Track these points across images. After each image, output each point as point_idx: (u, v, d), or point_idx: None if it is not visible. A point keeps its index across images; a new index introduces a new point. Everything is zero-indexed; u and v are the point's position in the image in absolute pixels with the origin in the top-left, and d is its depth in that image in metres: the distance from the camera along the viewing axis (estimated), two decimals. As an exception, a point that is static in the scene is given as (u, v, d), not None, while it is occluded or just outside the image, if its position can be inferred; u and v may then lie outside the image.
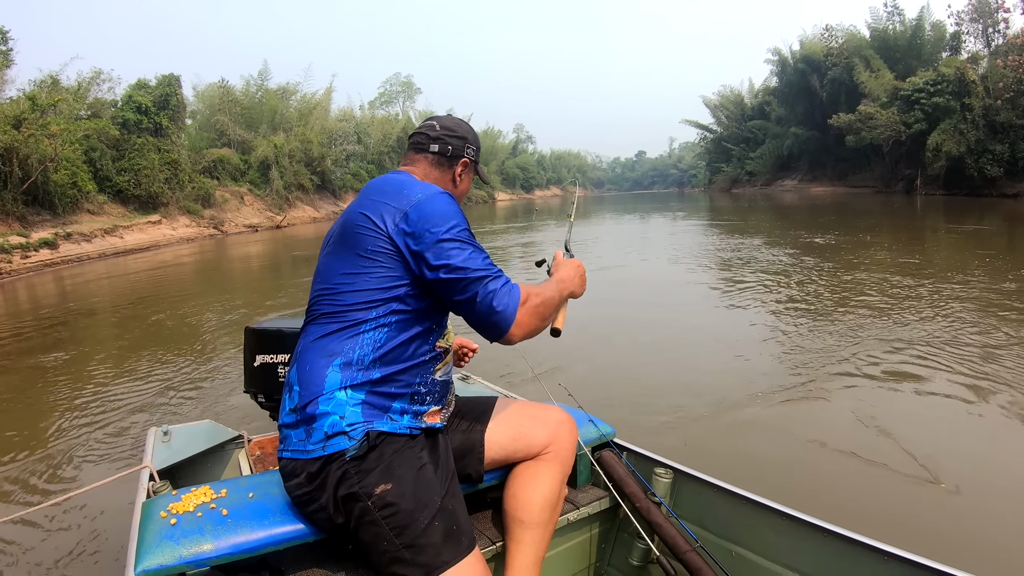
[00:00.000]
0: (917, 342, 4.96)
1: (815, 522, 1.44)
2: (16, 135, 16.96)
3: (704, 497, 1.73)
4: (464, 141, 1.61)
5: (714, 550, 1.64)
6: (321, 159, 36.19)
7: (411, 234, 1.36)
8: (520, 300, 1.35)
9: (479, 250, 1.38)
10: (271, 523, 1.38)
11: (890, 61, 36.03)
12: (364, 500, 1.31)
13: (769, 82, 50.28)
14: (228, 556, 1.31)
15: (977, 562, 2.35)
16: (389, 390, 1.39)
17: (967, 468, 2.98)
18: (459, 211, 1.43)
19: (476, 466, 1.59)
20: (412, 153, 1.61)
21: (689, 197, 52.82)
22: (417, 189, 1.43)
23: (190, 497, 1.46)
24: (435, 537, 1.29)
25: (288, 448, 1.41)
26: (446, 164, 1.59)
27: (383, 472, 1.32)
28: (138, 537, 1.35)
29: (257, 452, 2.16)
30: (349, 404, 1.35)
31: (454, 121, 1.64)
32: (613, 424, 1.97)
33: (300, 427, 1.37)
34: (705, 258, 11.15)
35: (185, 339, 6.64)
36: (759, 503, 1.56)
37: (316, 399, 1.36)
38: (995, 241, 12.38)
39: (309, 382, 1.38)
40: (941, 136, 28.54)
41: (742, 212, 25.99)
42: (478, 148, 1.67)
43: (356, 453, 1.32)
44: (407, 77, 60.61)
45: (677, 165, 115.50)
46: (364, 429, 1.34)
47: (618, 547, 1.90)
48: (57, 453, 3.79)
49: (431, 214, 1.38)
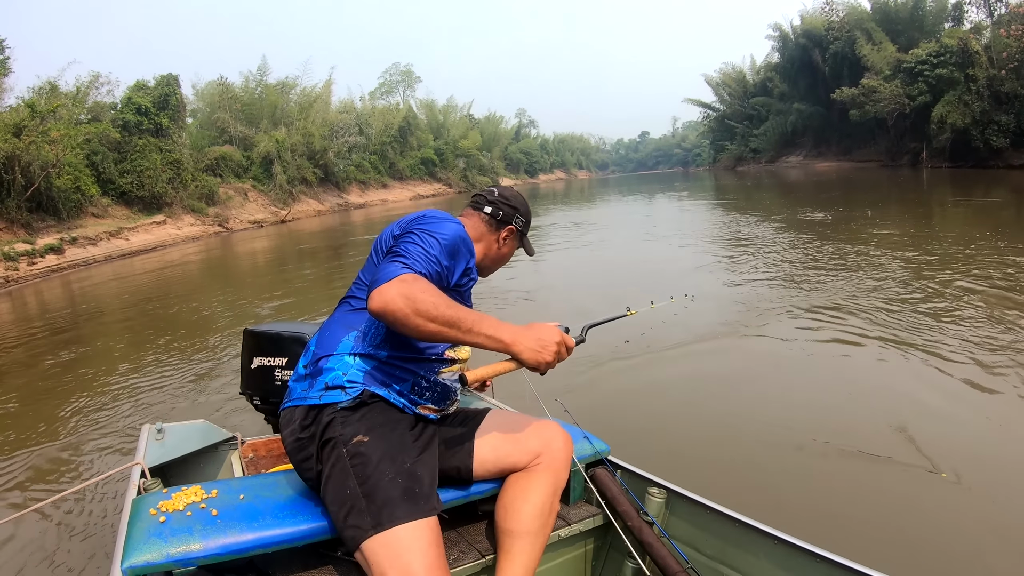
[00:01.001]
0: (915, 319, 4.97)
1: (808, 547, 1.42)
2: (17, 143, 16.97)
3: (697, 518, 1.71)
4: (515, 211, 1.77)
5: (705, 572, 1.62)
6: (323, 152, 36.07)
7: (402, 226, 1.55)
8: (399, 276, 1.35)
9: (426, 249, 1.47)
10: (260, 525, 1.39)
11: (892, 33, 35.51)
12: (340, 446, 1.40)
13: (771, 58, 49.76)
14: (216, 556, 1.32)
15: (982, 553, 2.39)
16: (394, 372, 1.51)
17: (969, 456, 2.96)
18: (454, 234, 1.53)
19: (464, 459, 1.60)
20: (469, 209, 1.79)
21: (694, 176, 52.46)
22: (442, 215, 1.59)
23: (180, 496, 1.47)
24: (394, 492, 1.33)
25: (290, 399, 1.53)
26: (495, 226, 1.75)
27: (365, 426, 1.42)
28: (126, 533, 1.36)
29: (250, 454, 2.17)
30: (354, 367, 1.48)
31: (512, 192, 1.82)
32: (608, 442, 1.94)
33: (306, 380, 1.51)
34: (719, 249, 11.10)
35: (188, 338, 6.70)
36: (752, 526, 1.54)
37: (327, 356, 1.51)
38: (1004, 214, 12.26)
39: (325, 344, 1.53)
40: (945, 108, 28.16)
41: (747, 191, 25.79)
42: (527, 221, 1.82)
43: (348, 405, 1.44)
44: (407, 66, 60.14)
45: (681, 145, 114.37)
46: (361, 388, 1.46)
47: (609, 565, 1.88)
48: (53, 451, 3.90)
49: (424, 216, 1.56)
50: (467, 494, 1.62)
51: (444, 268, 1.49)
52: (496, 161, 64.69)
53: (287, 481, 1.60)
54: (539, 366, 1.44)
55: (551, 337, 1.45)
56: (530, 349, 1.42)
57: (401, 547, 1.27)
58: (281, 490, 1.55)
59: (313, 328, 2.36)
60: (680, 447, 3.29)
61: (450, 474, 1.58)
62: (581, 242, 12.32)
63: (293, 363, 2.31)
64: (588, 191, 39.80)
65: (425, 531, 1.31)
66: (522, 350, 1.42)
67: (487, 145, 62.43)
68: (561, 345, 1.46)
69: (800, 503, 2.69)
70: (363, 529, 1.30)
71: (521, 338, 1.43)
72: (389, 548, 1.27)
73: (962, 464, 2.85)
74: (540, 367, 1.44)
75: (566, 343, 1.48)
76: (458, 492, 1.61)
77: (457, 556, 1.60)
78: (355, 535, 1.31)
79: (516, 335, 1.42)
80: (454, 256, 1.53)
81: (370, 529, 1.29)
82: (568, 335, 1.50)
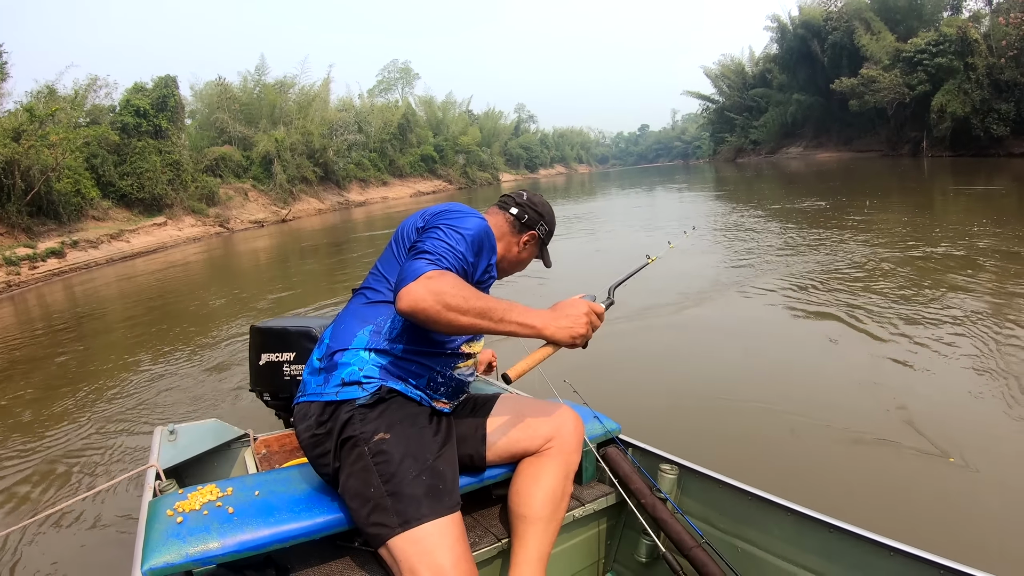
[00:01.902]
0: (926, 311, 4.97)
1: (821, 518, 1.43)
2: (16, 148, 16.98)
3: (710, 493, 1.72)
4: (541, 218, 1.78)
5: (720, 546, 1.63)
6: (323, 150, 36.04)
7: (425, 219, 1.55)
8: (426, 274, 1.33)
9: (452, 245, 1.45)
10: (277, 521, 1.40)
11: (891, 23, 35.35)
12: (362, 445, 1.39)
13: (770, 49, 49.42)
14: (234, 554, 1.33)
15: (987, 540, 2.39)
16: (410, 368, 1.50)
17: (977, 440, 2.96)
18: (479, 228, 1.53)
19: (477, 446, 1.61)
20: (495, 207, 1.79)
21: (694, 169, 52.34)
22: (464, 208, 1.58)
23: (196, 496, 1.48)
24: (418, 490, 1.34)
25: (305, 393, 1.52)
26: (518, 228, 1.75)
27: (385, 423, 1.42)
28: (144, 536, 1.36)
29: (263, 450, 2.17)
30: (370, 363, 1.47)
31: (540, 200, 1.81)
32: (618, 420, 1.95)
33: (320, 374, 1.49)
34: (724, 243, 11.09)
35: (194, 337, 6.70)
36: (765, 499, 1.55)
37: (342, 351, 1.49)
38: (1006, 202, 12.23)
39: (340, 337, 1.52)
40: (945, 97, 28.08)
41: (747, 182, 25.74)
42: (551, 231, 1.82)
43: (366, 402, 1.43)
44: (405, 63, 60.09)
45: (681, 137, 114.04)
46: (378, 383, 1.45)
47: (624, 543, 1.90)
48: (66, 455, 3.89)
49: (448, 209, 1.55)
50: (480, 479, 1.64)
51: (469, 264, 1.48)
52: (496, 157, 64.56)
53: (301, 475, 1.60)
54: (576, 341, 1.41)
55: (579, 310, 1.42)
56: (562, 328, 1.39)
57: (429, 544, 1.29)
58: (296, 484, 1.56)
59: (320, 322, 2.37)
60: (689, 419, 3.38)
61: (463, 461, 1.59)
62: (582, 229, 12.31)
63: (301, 358, 2.32)
64: (589, 185, 39.74)
65: (451, 527, 1.33)
66: (555, 331, 1.39)
67: (486, 141, 62.26)
68: (591, 314, 1.43)
69: (808, 479, 2.70)
70: (389, 527, 1.31)
71: (551, 320, 1.39)
72: (417, 545, 1.29)
73: (969, 448, 2.85)
74: (577, 342, 1.41)
75: (595, 311, 1.45)
76: (472, 478, 1.62)
77: (473, 541, 1.61)
78: (380, 532, 1.32)
79: (545, 319, 1.39)
80: (479, 252, 1.52)
81: (397, 527, 1.30)
82: (595, 303, 1.48)
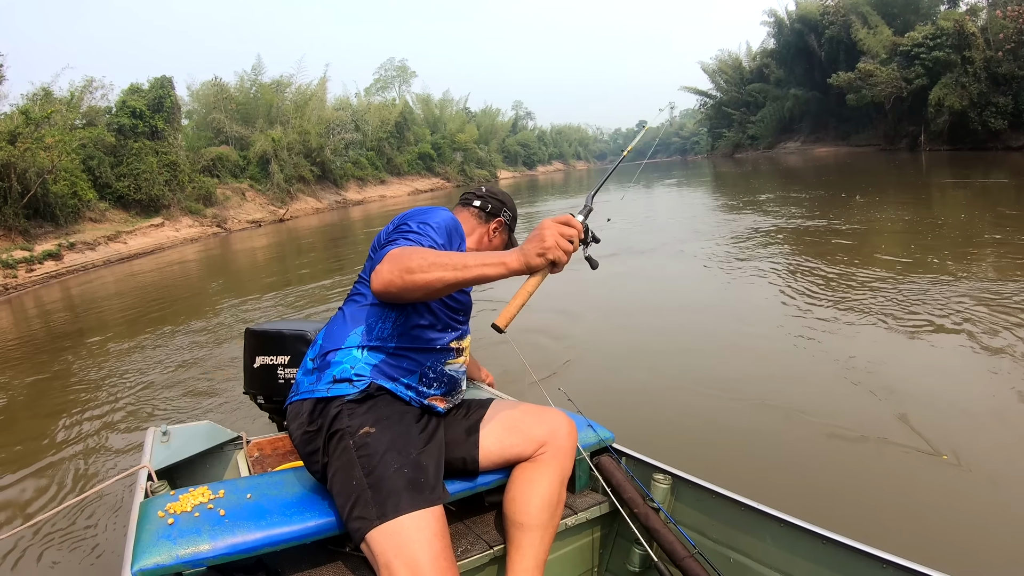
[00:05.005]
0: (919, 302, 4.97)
1: (815, 529, 1.42)
2: (12, 150, 16.90)
3: (703, 503, 1.71)
4: (503, 205, 1.88)
5: (712, 556, 1.62)
6: (320, 149, 35.96)
7: (395, 223, 1.58)
8: (389, 253, 1.39)
9: (422, 233, 1.50)
10: (268, 524, 1.40)
11: (888, 17, 35.30)
12: (347, 438, 1.42)
13: (767, 44, 49.32)
14: (225, 556, 1.33)
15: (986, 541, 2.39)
16: (402, 364, 1.53)
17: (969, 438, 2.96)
18: (445, 219, 1.58)
19: (470, 450, 1.61)
20: (459, 206, 1.89)
21: (692, 165, 52.28)
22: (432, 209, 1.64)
23: (188, 497, 1.48)
24: (398, 482, 1.34)
25: (298, 393, 1.55)
26: (484, 218, 1.85)
27: (372, 417, 1.44)
28: (135, 537, 1.36)
29: (256, 453, 2.17)
30: (362, 361, 1.51)
31: (498, 189, 1.95)
32: (612, 429, 1.94)
33: (313, 374, 1.53)
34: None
35: (190, 339, 6.69)
36: (758, 509, 1.55)
37: (335, 350, 1.54)
38: (1005, 196, 12.22)
39: (333, 337, 1.57)
40: (943, 91, 28.10)
41: (745, 177, 25.72)
42: (514, 216, 1.92)
43: (354, 397, 1.46)
44: (401, 62, 60.13)
45: (679, 133, 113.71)
46: (368, 381, 1.49)
47: (616, 552, 1.90)
48: (59, 457, 3.90)
49: (415, 211, 1.59)
50: (473, 485, 1.63)
51: (440, 246, 1.50)
52: (493, 154, 64.42)
53: (294, 479, 1.60)
54: (547, 255, 1.28)
55: (544, 229, 1.30)
56: (532, 253, 1.28)
57: (406, 537, 1.27)
58: (288, 488, 1.55)
59: (314, 325, 2.37)
60: (686, 427, 3.33)
61: (456, 465, 1.59)
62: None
63: (295, 361, 2.31)
64: (587, 181, 39.74)
65: (430, 521, 1.31)
66: (519, 257, 1.29)
67: (484, 138, 62.08)
68: (557, 226, 1.30)
69: (800, 484, 2.70)
70: (368, 520, 1.30)
71: (520, 252, 1.30)
72: (394, 538, 1.27)
73: (962, 446, 2.85)
74: (549, 255, 1.28)
75: (565, 223, 1.32)
76: (464, 484, 1.62)
77: (465, 548, 1.60)
78: (360, 526, 1.31)
79: (514, 252, 1.31)
80: (449, 238, 1.56)
81: (375, 519, 1.30)
82: (566, 215, 1.35)
